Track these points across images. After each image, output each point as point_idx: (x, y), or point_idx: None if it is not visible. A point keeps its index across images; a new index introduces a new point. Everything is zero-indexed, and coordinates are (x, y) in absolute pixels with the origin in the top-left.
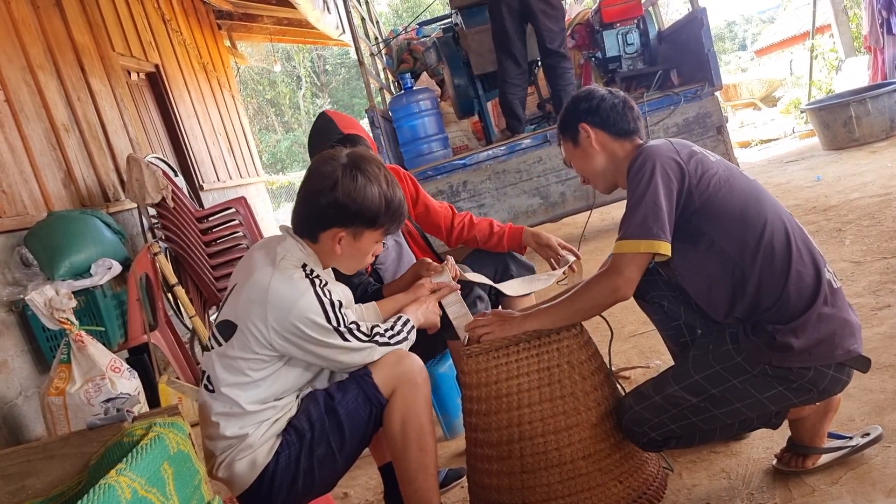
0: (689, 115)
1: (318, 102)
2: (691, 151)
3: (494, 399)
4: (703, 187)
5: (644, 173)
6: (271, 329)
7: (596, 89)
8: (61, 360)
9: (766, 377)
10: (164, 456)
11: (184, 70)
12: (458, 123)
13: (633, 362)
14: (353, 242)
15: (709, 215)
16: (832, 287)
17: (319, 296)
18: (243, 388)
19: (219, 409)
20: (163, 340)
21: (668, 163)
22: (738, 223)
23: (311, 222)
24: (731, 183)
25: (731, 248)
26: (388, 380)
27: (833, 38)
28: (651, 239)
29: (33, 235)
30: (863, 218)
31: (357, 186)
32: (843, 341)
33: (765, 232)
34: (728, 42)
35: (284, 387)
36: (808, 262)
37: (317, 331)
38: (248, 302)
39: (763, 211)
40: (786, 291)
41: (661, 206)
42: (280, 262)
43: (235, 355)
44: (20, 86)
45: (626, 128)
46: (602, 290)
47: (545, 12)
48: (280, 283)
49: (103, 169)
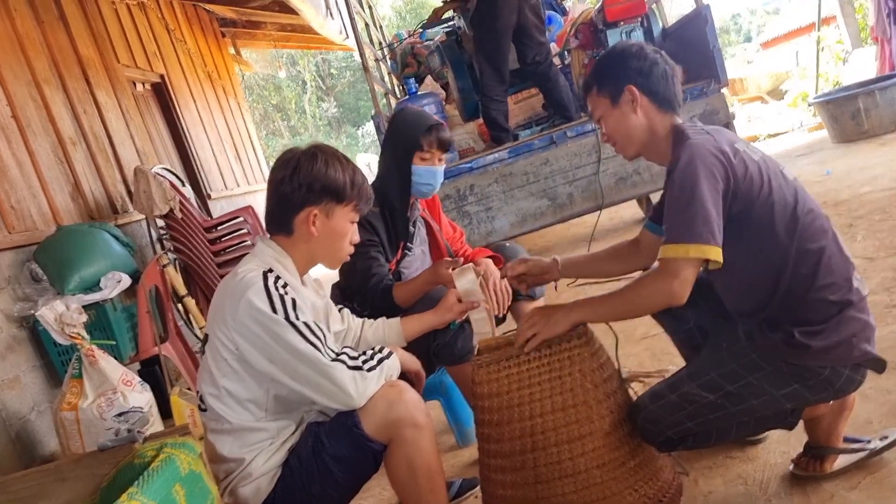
0: (696, 113)
1: (323, 106)
2: (735, 149)
3: (507, 409)
4: (747, 188)
5: (691, 173)
6: (230, 327)
7: (646, 47)
8: (73, 375)
9: (781, 374)
10: (175, 477)
11: (189, 79)
12: (464, 126)
13: (646, 365)
14: (326, 221)
15: (750, 217)
16: (860, 294)
17: (268, 287)
18: (221, 399)
19: (211, 426)
20: (174, 352)
21: (714, 164)
22: (778, 226)
23: (283, 211)
24: (773, 184)
25: (769, 251)
26: (385, 426)
27: (839, 29)
28: (701, 243)
29: (43, 250)
30: (874, 212)
31: (318, 164)
32: (860, 343)
33: (804, 236)
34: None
35: (259, 397)
36: (840, 270)
37: (264, 318)
38: (213, 308)
39: (803, 214)
40: (816, 297)
41: (709, 209)
42: (241, 268)
43: (208, 364)
44: (26, 101)
45: (672, 100)
46: (656, 292)
47: (536, 27)
48: (235, 283)
49: (111, 181)
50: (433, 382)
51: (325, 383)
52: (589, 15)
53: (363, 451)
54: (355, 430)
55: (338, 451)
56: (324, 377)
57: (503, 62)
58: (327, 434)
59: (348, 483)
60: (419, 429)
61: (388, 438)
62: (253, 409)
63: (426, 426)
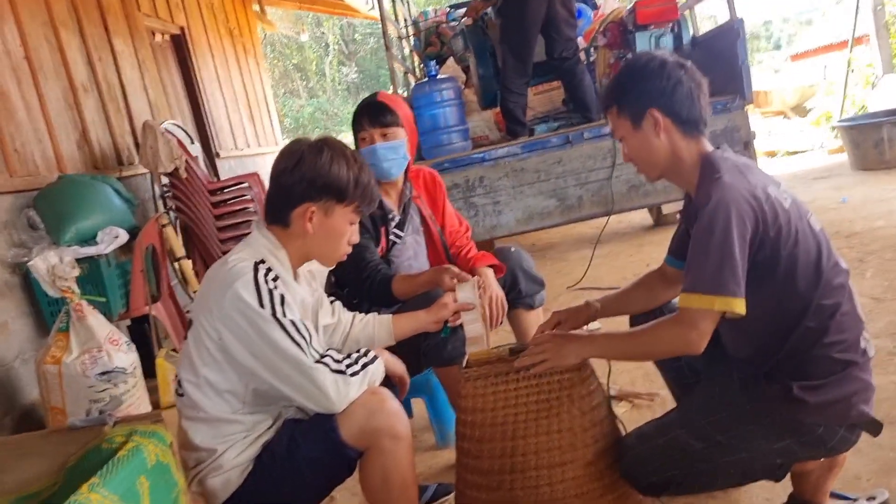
0: (717, 128)
1: (344, 71)
2: (766, 193)
3: (490, 426)
4: (775, 237)
5: (722, 218)
6: (215, 316)
7: (668, 63)
8: (60, 328)
9: (774, 428)
10: (140, 469)
11: (209, 34)
12: (480, 113)
13: (638, 385)
14: (324, 220)
15: (774, 267)
16: (867, 355)
17: (258, 280)
18: (199, 387)
19: (186, 412)
20: (164, 313)
21: (746, 210)
22: (799, 279)
23: (281, 203)
24: (800, 235)
25: (787, 303)
26: (363, 434)
27: (871, 50)
28: (727, 295)
29: (42, 198)
30: (886, 249)
31: (322, 160)
32: (858, 403)
33: (823, 291)
34: (763, 41)
35: (238, 389)
36: (852, 329)
37: (250, 312)
38: (200, 294)
39: (827, 269)
40: (822, 354)
41: (737, 259)
42: (233, 256)
43: (189, 351)
44: (41, 42)
45: (697, 122)
46: (673, 340)
47: (567, 21)
48: (224, 271)
49: (119, 131)
50: (420, 380)
51: (306, 384)
52: (620, 14)
53: (338, 456)
54: (332, 435)
55: (312, 453)
56: (305, 378)
57: (528, 55)
58: (303, 434)
59: (319, 486)
60: (397, 440)
61: (364, 446)
62: (231, 401)
63: (405, 437)
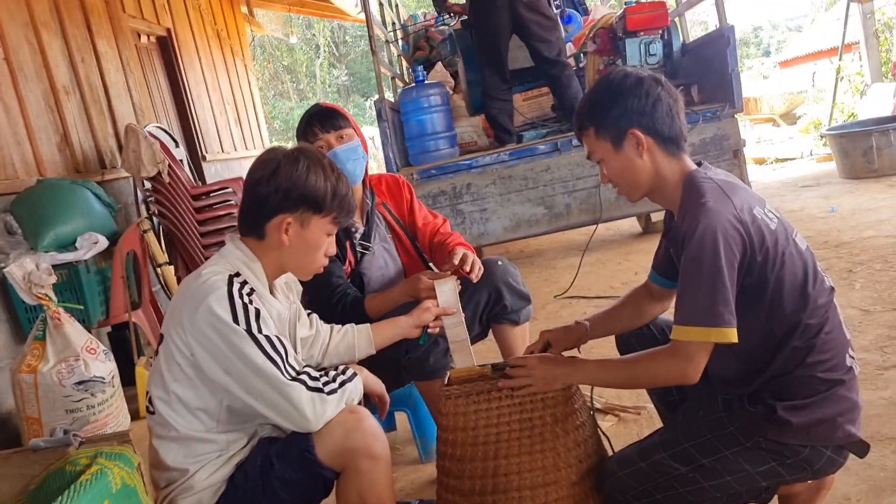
0: (707, 136)
1: (334, 73)
2: (752, 215)
3: (471, 446)
4: (762, 262)
5: (709, 247)
6: (187, 331)
7: (645, 80)
8: (36, 336)
9: (759, 450)
10: (105, 493)
11: (196, 36)
12: (468, 119)
13: (624, 398)
14: (300, 231)
15: (761, 291)
16: (852, 373)
17: (232, 295)
18: (170, 404)
19: (157, 431)
20: (145, 320)
21: (732, 236)
22: (786, 302)
23: (256, 214)
24: (786, 257)
25: (773, 326)
26: (340, 454)
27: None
28: (722, 327)
29: (20, 202)
30: (875, 260)
31: (299, 170)
32: (844, 424)
33: (808, 313)
34: (752, 47)
35: (211, 407)
36: (837, 347)
37: (224, 328)
38: (172, 308)
39: (812, 289)
40: (806, 374)
41: (727, 287)
42: (206, 269)
43: (160, 366)
44: (21, 43)
45: (678, 139)
46: (668, 372)
47: (539, 23)
48: (197, 285)
49: (101, 134)
50: (403, 393)
51: (282, 402)
52: (609, 20)
53: (313, 476)
54: (307, 455)
55: (287, 474)
56: (280, 396)
57: (500, 62)
58: (278, 454)
59: None
60: (375, 460)
61: (341, 466)
62: (203, 419)
63: (383, 458)
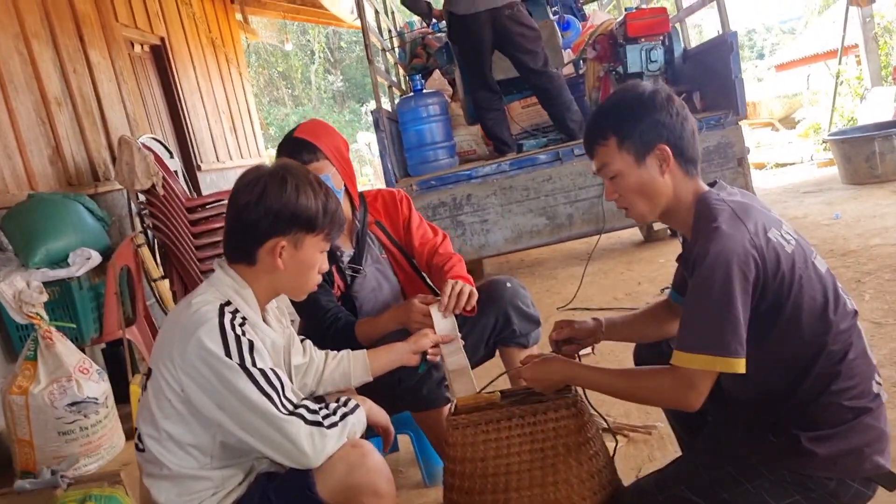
0: (710, 144)
1: (329, 79)
2: (767, 238)
3: (480, 478)
4: (777, 287)
5: (722, 273)
6: (177, 366)
7: (673, 96)
8: (27, 356)
9: (783, 483)
10: None
11: (190, 44)
12: (467, 127)
13: (633, 417)
14: (294, 253)
15: (777, 318)
16: (879, 401)
17: (223, 326)
18: (161, 442)
19: (148, 469)
20: (139, 337)
21: (747, 262)
22: (805, 329)
23: (246, 240)
24: (804, 281)
25: (792, 354)
26: (342, 491)
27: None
28: (729, 356)
29: (10, 218)
30: (884, 269)
31: (287, 191)
32: (872, 455)
33: (831, 338)
34: (746, 50)
35: (204, 443)
36: (863, 374)
37: (216, 362)
38: (161, 340)
39: (833, 314)
40: (830, 401)
41: (738, 315)
42: (196, 298)
43: (149, 402)
44: (11, 54)
45: (696, 161)
46: (670, 396)
47: (523, 35)
48: (187, 316)
49: (95, 146)
50: (405, 416)
51: (279, 438)
52: (609, 26)
53: None
54: (308, 493)
55: None
56: (277, 431)
57: (485, 74)
58: (277, 492)
59: None
60: (380, 498)
61: (343, 502)
62: (197, 456)
63: (388, 495)
